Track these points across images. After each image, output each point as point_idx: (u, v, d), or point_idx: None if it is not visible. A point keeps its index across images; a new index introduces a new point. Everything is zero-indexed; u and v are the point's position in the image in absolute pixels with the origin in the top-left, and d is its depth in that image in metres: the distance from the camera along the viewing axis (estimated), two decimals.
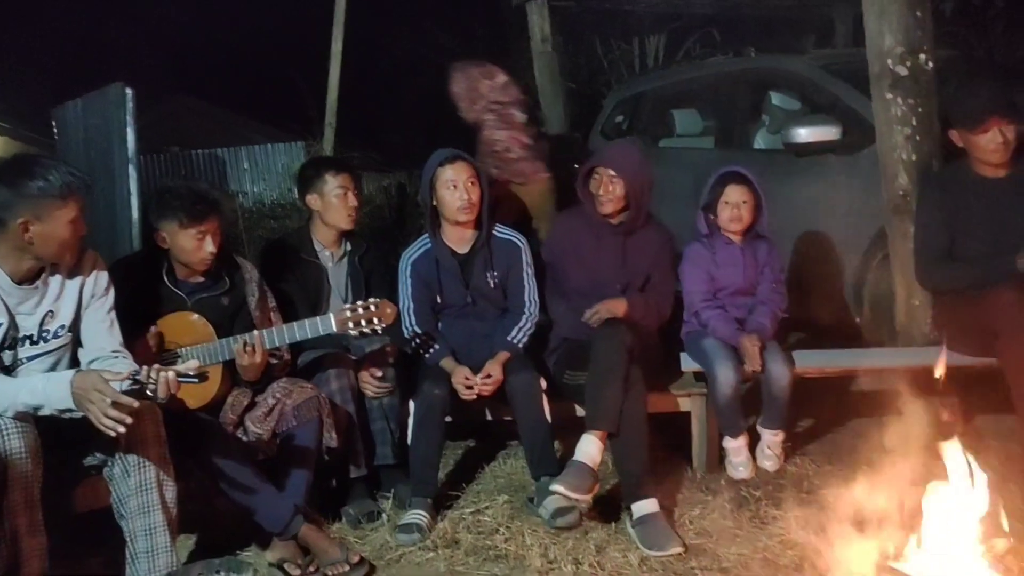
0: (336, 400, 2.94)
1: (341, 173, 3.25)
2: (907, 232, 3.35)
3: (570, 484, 2.70)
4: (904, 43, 3.29)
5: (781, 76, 5.03)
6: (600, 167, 3.23)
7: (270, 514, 2.61)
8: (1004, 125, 3.00)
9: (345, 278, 3.29)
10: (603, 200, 3.20)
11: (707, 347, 3.18)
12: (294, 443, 2.74)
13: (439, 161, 3.20)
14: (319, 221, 3.28)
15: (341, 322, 2.70)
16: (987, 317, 2.79)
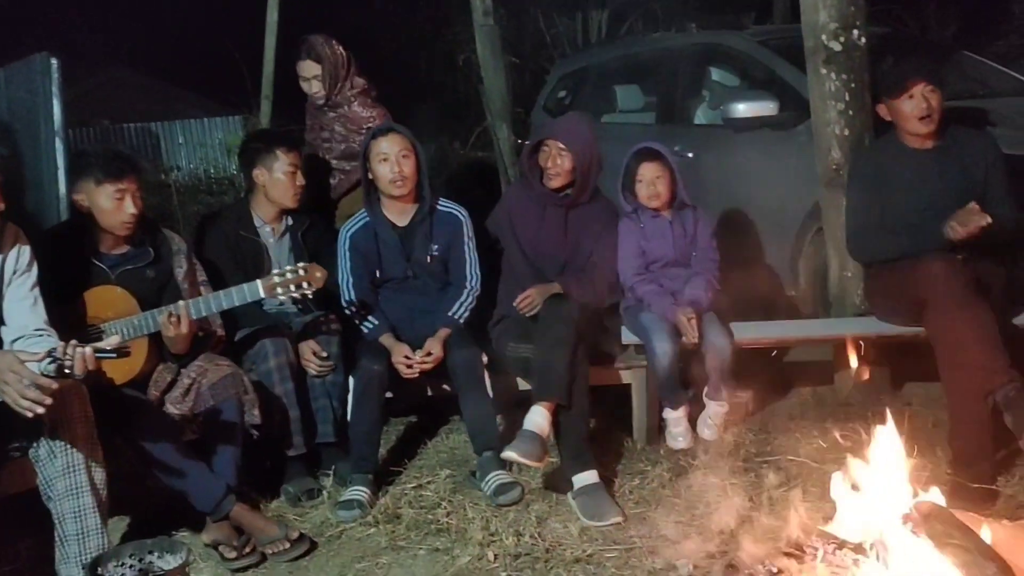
0: (274, 377, 2.90)
1: (293, 151, 3.20)
2: (840, 205, 3.42)
3: (523, 451, 2.71)
4: (838, 19, 3.34)
5: (721, 52, 5.06)
6: (549, 140, 3.21)
7: (201, 494, 2.56)
8: (928, 91, 3.06)
9: (287, 255, 3.22)
10: (551, 174, 3.19)
11: (645, 321, 3.21)
12: (217, 421, 2.68)
13: (372, 134, 3.16)
14: (261, 196, 3.20)
15: (269, 288, 2.66)
16: (915, 288, 2.85)
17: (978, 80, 4.70)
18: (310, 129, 3.87)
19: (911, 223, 3.12)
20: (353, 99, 3.72)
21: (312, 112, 3.84)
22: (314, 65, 3.69)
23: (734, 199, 4.40)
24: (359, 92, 3.74)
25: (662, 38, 5.77)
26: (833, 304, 3.67)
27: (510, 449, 2.74)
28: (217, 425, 2.68)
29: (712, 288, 3.34)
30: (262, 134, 3.53)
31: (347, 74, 3.72)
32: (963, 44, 6.63)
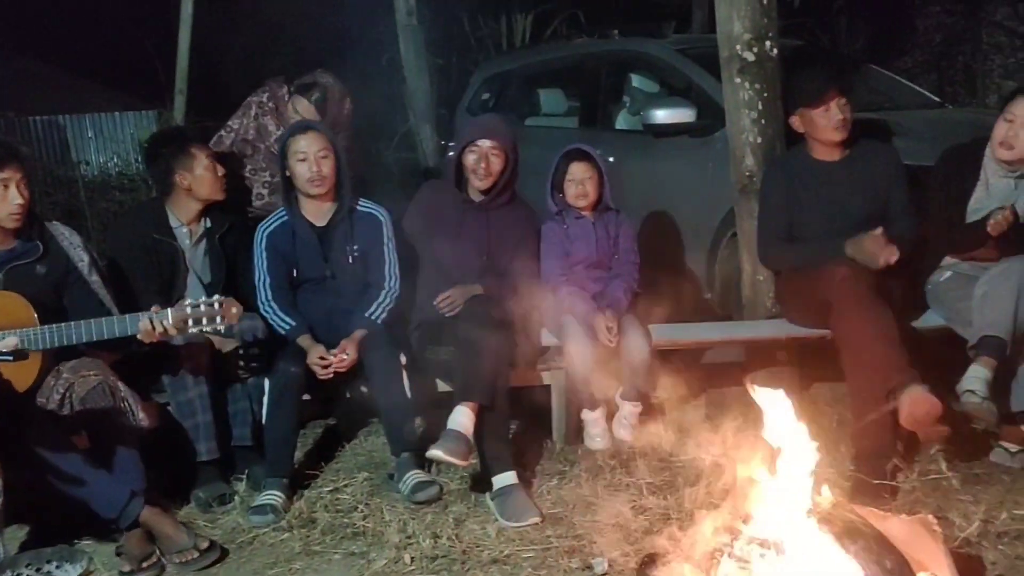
0: (188, 381, 2.82)
1: (205, 145, 3.13)
2: (753, 211, 3.52)
3: (448, 449, 2.71)
4: (751, 29, 3.42)
5: (641, 59, 5.16)
6: (481, 140, 3.18)
7: (103, 502, 2.46)
8: (842, 104, 3.17)
9: (203, 258, 3.13)
10: (482, 174, 3.16)
11: (564, 322, 3.24)
12: (102, 430, 2.58)
13: (291, 131, 3.11)
14: (181, 196, 3.10)
15: (180, 320, 2.58)
16: (822, 291, 2.96)
17: (884, 93, 4.91)
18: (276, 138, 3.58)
19: (819, 233, 3.23)
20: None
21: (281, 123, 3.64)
22: (314, 111, 3.55)
23: (654, 204, 4.48)
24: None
25: (585, 44, 5.83)
26: (746, 307, 3.76)
27: (436, 448, 2.73)
28: (104, 434, 2.58)
29: (632, 291, 3.40)
30: (170, 137, 3.37)
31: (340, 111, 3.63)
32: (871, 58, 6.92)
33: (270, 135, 3.62)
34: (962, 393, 2.71)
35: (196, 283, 3.11)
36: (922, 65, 9.17)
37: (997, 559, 2.32)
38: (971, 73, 9.00)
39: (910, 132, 3.87)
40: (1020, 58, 8.78)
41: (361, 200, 3.24)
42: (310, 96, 3.59)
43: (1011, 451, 2.91)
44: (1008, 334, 2.78)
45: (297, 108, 3.60)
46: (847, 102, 3.17)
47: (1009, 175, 3.11)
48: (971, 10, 8.40)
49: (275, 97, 3.68)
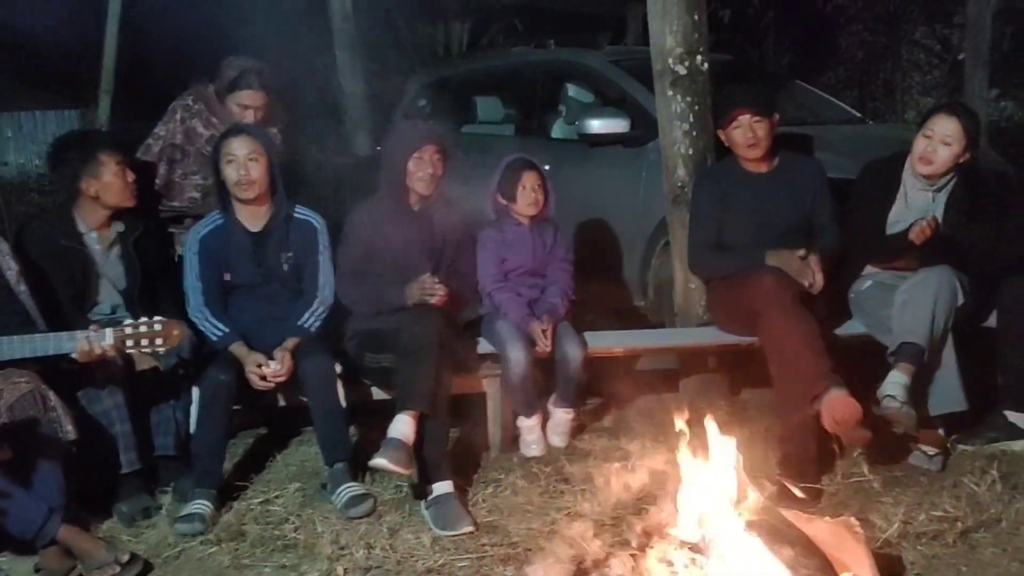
0: (103, 392, 2.72)
1: (114, 151, 3.00)
2: (685, 221, 3.58)
3: (391, 458, 2.68)
4: (683, 44, 3.50)
5: (577, 69, 5.21)
6: (429, 145, 3.13)
7: (18, 521, 2.37)
8: (753, 121, 3.27)
9: (117, 265, 3.03)
10: (429, 179, 3.12)
11: (500, 329, 3.25)
12: (27, 442, 2.48)
13: (224, 134, 3.05)
14: (88, 202, 2.98)
15: (119, 340, 2.51)
16: (750, 300, 3.03)
17: (808, 108, 5.07)
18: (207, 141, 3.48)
19: (747, 242, 3.31)
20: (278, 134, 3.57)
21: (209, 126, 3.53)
22: (261, 97, 3.46)
23: (588, 212, 4.53)
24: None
25: (522, 52, 5.87)
26: (678, 315, 3.83)
27: (378, 457, 2.70)
28: (28, 446, 2.47)
29: (567, 298, 3.42)
30: (75, 142, 3.17)
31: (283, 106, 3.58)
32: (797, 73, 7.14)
33: (200, 137, 3.53)
34: (882, 398, 2.81)
35: (110, 289, 3.01)
36: (845, 81, 9.50)
37: (916, 559, 2.41)
38: (891, 89, 9.37)
39: (833, 146, 4.00)
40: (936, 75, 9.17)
41: (298, 207, 3.19)
42: (245, 84, 3.48)
43: (929, 454, 3.03)
44: (926, 341, 2.90)
45: (241, 103, 3.48)
46: (759, 120, 3.26)
47: (927, 188, 3.25)
48: (891, 29, 8.75)
49: (202, 98, 3.58)
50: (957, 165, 3.19)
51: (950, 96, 7.65)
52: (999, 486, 2.75)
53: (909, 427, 2.88)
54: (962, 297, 2.99)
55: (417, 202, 3.18)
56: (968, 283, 3.06)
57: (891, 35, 8.84)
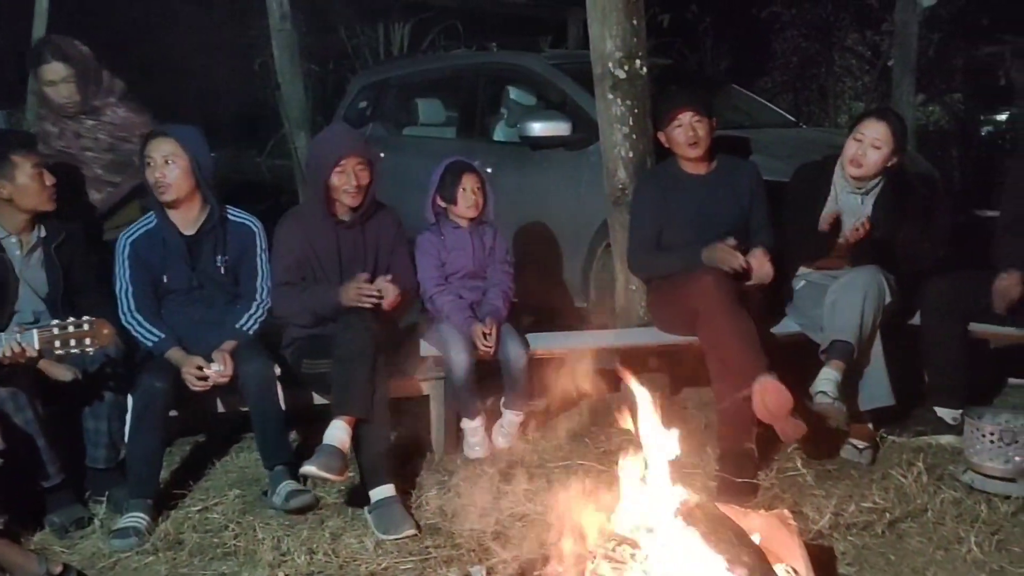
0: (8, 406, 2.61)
1: (30, 152, 2.89)
2: (625, 223, 3.63)
3: (322, 464, 2.65)
4: (623, 48, 3.55)
5: (519, 72, 5.23)
6: (349, 156, 3.04)
7: None
8: (694, 120, 3.34)
9: (39, 271, 2.92)
10: (353, 192, 3.05)
11: (442, 332, 3.25)
12: None
13: (145, 136, 3.00)
14: (3, 204, 2.86)
15: (45, 340, 2.44)
16: (689, 300, 3.09)
17: (745, 112, 5.19)
18: (58, 136, 3.43)
19: (687, 243, 3.37)
20: (117, 104, 3.43)
21: (57, 121, 3.43)
22: (62, 67, 3.33)
23: (531, 214, 4.56)
24: (121, 96, 3.45)
25: (464, 55, 5.88)
26: (620, 316, 3.88)
27: (309, 463, 2.67)
28: None
29: (509, 299, 3.44)
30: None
31: (100, 76, 3.41)
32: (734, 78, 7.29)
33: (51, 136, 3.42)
34: (815, 394, 2.89)
35: (30, 295, 2.90)
36: (781, 85, 9.73)
37: (846, 549, 2.49)
38: (825, 94, 9.62)
39: (768, 149, 4.10)
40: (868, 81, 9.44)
41: (233, 209, 3.14)
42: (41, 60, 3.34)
43: (859, 447, 3.12)
44: (855, 338, 2.99)
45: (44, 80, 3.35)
46: (700, 119, 3.33)
47: (857, 191, 3.35)
48: (824, 35, 8.98)
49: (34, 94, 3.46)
50: (885, 168, 3.29)
51: (880, 101, 7.89)
52: (925, 477, 2.85)
53: (841, 422, 2.97)
54: (889, 296, 3.09)
55: (346, 212, 3.14)
56: (895, 282, 3.17)
57: (824, 41, 9.07)
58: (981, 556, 2.41)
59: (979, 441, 2.81)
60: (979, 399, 3.40)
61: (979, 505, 2.69)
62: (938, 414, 3.28)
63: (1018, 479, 2.76)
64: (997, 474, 2.78)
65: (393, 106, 6.08)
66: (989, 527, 2.57)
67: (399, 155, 5.41)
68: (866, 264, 3.16)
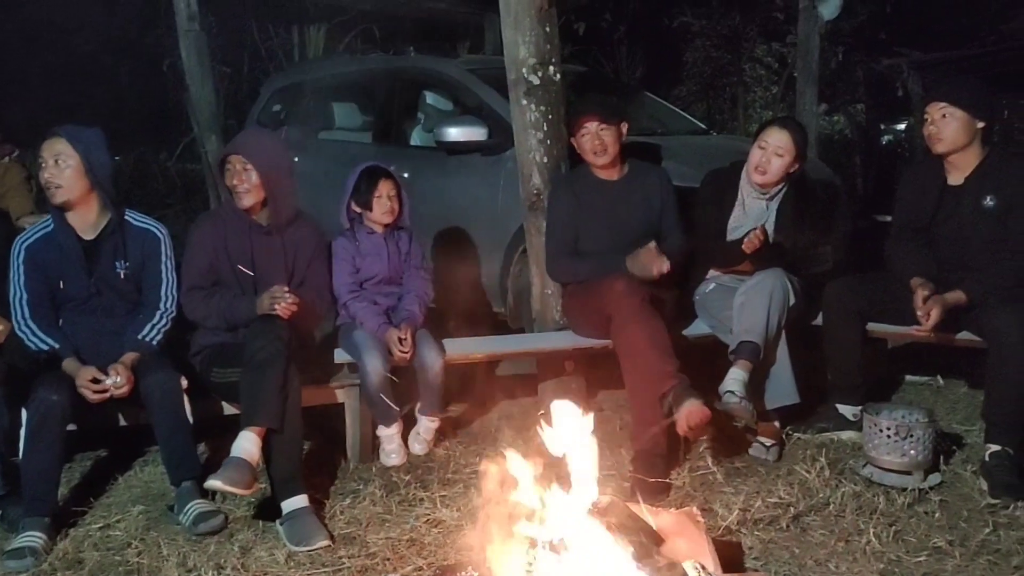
0: None
1: None
2: (541, 228, 3.66)
3: (228, 478, 2.58)
4: (536, 55, 3.57)
5: (435, 77, 5.22)
6: (232, 156, 3.03)
7: None
8: (600, 128, 3.39)
9: None
10: (240, 191, 3.02)
11: (357, 338, 3.22)
12: None
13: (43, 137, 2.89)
14: None
15: None
16: (602, 304, 3.14)
17: (658, 119, 5.30)
18: None
19: (602, 248, 3.42)
20: None
21: None
22: None
23: (447, 219, 4.55)
24: None
25: (380, 59, 5.83)
26: (536, 320, 3.90)
27: (215, 478, 2.59)
28: None
29: (425, 305, 3.42)
30: None
31: None
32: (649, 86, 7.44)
33: None
34: (723, 394, 2.97)
35: None
36: (695, 94, 9.99)
37: (753, 543, 2.56)
38: (735, 102, 9.92)
39: (679, 156, 4.20)
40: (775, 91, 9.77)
41: (136, 214, 3.03)
42: None
43: (766, 445, 3.22)
44: (762, 339, 3.08)
45: None
46: (606, 128, 3.38)
47: (762, 197, 3.46)
48: (733, 46, 9.25)
49: None
50: (788, 175, 3.41)
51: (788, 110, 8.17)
52: (827, 472, 2.96)
53: (748, 420, 3.05)
54: (793, 298, 3.20)
55: (264, 217, 3.08)
56: (799, 284, 3.29)
57: (733, 52, 9.35)
58: (879, 547, 2.51)
59: (877, 436, 2.93)
60: (878, 396, 3.54)
61: (877, 498, 2.80)
62: (839, 411, 3.40)
63: (914, 472, 2.89)
64: (894, 467, 2.91)
65: (308, 110, 5.98)
66: (887, 519, 2.68)
67: (314, 159, 5.34)
68: (772, 267, 3.26)
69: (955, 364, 3.97)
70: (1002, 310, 2.95)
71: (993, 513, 2.71)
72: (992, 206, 3.14)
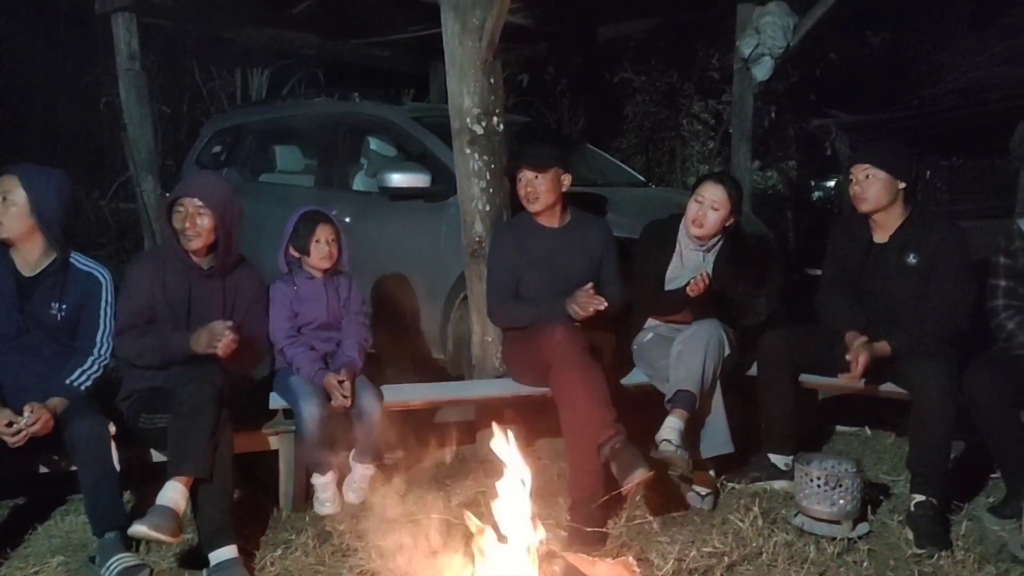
0: None
1: None
2: (482, 274, 3.68)
3: (154, 524, 2.49)
4: (480, 105, 3.63)
5: (380, 123, 5.25)
6: (185, 199, 3.00)
7: None
8: (532, 177, 3.44)
9: None
10: (190, 235, 2.98)
11: (293, 384, 3.17)
12: None
13: None
14: None
15: None
16: (541, 352, 3.16)
17: (599, 170, 5.41)
18: None
19: (543, 293, 3.45)
20: None
21: None
22: None
23: (389, 265, 4.55)
24: None
25: (325, 103, 5.85)
26: (476, 367, 3.90)
27: (140, 523, 2.50)
28: None
29: (364, 351, 3.39)
30: None
31: None
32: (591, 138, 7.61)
33: None
34: (660, 443, 3.00)
35: None
36: (635, 147, 10.23)
37: None
38: (674, 156, 10.19)
39: (619, 207, 4.30)
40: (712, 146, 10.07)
41: (83, 257, 2.98)
42: None
43: (702, 494, 3.25)
44: (697, 389, 3.14)
45: None
46: (539, 176, 3.43)
47: (699, 249, 3.55)
48: (672, 102, 9.54)
49: None
50: (724, 228, 3.51)
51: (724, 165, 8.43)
52: (760, 522, 3.00)
53: (684, 469, 3.08)
54: (728, 348, 3.27)
55: (204, 259, 3.04)
56: (733, 335, 3.37)
57: (672, 107, 9.63)
58: None
59: (808, 486, 2.99)
60: (809, 446, 3.62)
61: (808, 547, 2.85)
62: (772, 460, 3.47)
63: (843, 522, 2.95)
64: (824, 517, 2.96)
65: (250, 152, 5.95)
66: (817, 567, 2.73)
67: (255, 202, 5.26)
68: (708, 318, 3.34)
69: (882, 415, 4.10)
70: (924, 364, 3.06)
71: (919, 563, 2.78)
72: (915, 264, 3.27)
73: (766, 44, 5.50)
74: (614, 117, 9.85)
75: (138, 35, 5.75)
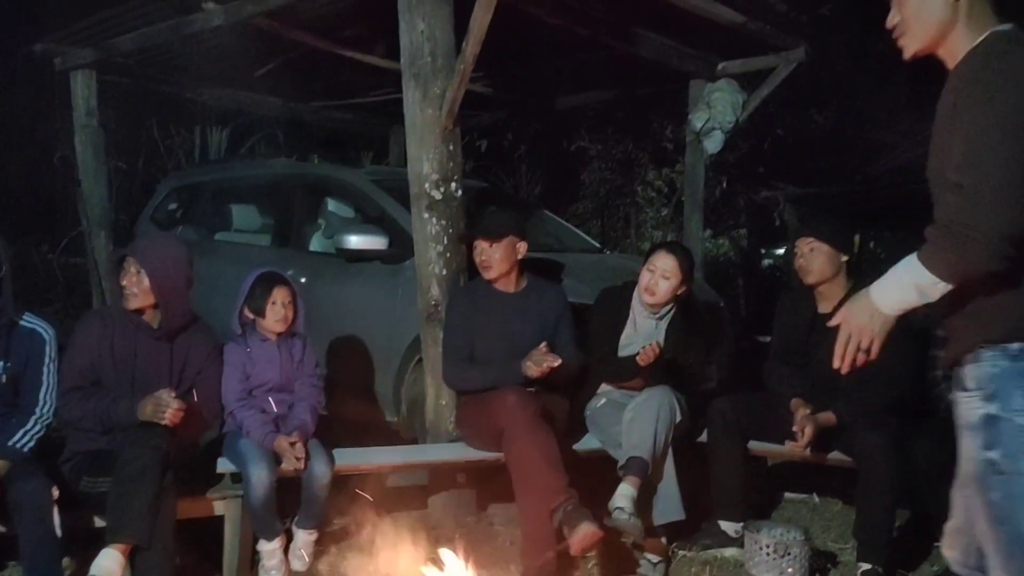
0: None
1: None
2: (438, 338, 3.70)
3: None
4: (439, 171, 3.70)
5: (338, 185, 5.28)
6: (129, 257, 2.99)
7: None
8: (486, 245, 3.50)
9: None
10: (128, 293, 2.97)
11: (242, 447, 3.11)
12: None
13: None
14: None
15: None
16: (495, 416, 3.16)
17: (555, 236, 5.50)
18: None
19: (498, 357, 3.48)
20: None
21: None
22: None
23: (344, 327, 4.52)
24: None
25: (283, 164, 5.88)
26: (429, 431, 3.88)
27: None
28: None
29: (316, 413, 3.36)
30: None
31: None
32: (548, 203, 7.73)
33: None
34: (613, 510, 3.01)
35: None
36: (591, 212, 10.41)
37: None
38: (628, 222, 10.39)
39: (574, 273, 4.36)
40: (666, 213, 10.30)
41: (26, 313, 2.92)
42: None
43: (653, 562, 3.25)
44: (650, 455, 3.16)
45: None
46: (492, 245, 3.49)
47: (652, 316, 3.61)
48: (627, 169, 9.77)
49: None
50: (676, 296, 3.59)
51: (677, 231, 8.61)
52: None
53: (637, 536, 3.09)
54: (679, 415, 3.32)
55: (154, 319, 3.01)
56: (685, 402, 3.41)
57: (627, 175, 9.86)
58: None
59: (757, 554, 3.02)
60: (759, 512, 3.65)
61: None
62: (722, 527, 3.49)
63: None
64: None
65: (206, 210, 5.93)
66: None
67: (210, 260, 5.23)
68: (660, 384, 3.38)
69: (829, 483, 4.16)
70: (870, 434, 3.14)
71: None
72: None
73: (716, 119, 5.71)
74: (571, 183, 10.04)
75: (96, 92, 5.75)
